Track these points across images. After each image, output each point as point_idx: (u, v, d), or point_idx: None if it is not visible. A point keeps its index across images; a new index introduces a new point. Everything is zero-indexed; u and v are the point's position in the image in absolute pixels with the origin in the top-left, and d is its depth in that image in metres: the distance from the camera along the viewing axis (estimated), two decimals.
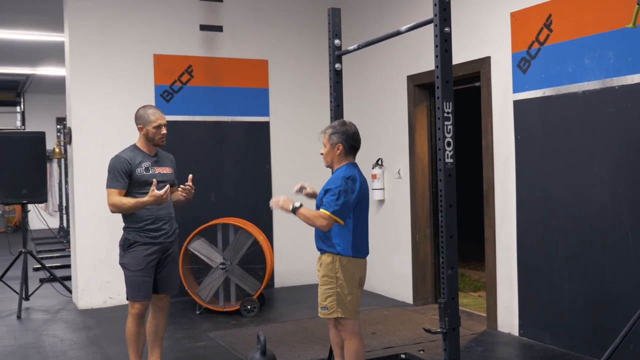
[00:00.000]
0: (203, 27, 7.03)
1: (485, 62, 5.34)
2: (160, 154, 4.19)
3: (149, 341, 4.23)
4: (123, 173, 3.96)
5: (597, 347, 4.32)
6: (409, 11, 6.21)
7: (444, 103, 3.18)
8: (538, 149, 4.85)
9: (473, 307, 6.21)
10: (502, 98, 5.18)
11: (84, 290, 6.54)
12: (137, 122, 4.09)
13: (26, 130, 14.42)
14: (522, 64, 4.96)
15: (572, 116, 4.57)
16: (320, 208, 3.56)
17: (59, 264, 8.90)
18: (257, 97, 7.32)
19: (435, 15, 3.19)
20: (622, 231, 4.23)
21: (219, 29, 7.10)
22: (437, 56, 3.19)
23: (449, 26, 3.19)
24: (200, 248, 6.03)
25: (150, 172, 4.04)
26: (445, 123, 3.20)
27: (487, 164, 5.37)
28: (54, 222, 13.62)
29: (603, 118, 4.35)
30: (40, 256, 8.09)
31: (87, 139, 6.55)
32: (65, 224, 12.56)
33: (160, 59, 6.83)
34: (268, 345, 4.28)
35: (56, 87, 12.82)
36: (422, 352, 4.68)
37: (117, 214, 4.08)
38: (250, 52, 7.28)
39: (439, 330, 3.20)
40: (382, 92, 6.78)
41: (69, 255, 8.06)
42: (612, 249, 4.31)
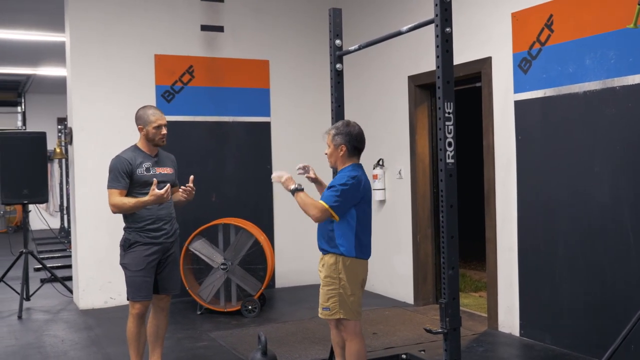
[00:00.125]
0: (204, 27, 7.03)
1: (486, 62, 5.33)
2: (161, 154, 4.19)
3: (149, 341, 4.23)
4: (124, 173, 3.96)
5: (597, 347, 4.32)
6: (410, 11, 6.21)
7: (445, 103, 3.18)
8: (539, 150, 4.85)
9: (474, 307, 6.21)
10: (503, 98, 5.17)
11: (85, 291, 6.54)
12: (137, 122, 4.10)
13: (27, 130, 14.42)
14: (523, 65, 4.96)
15: (573, 116, 4.57)
16: (320, 199, 3.56)
17: (59, 264, 8.90)
18: (258, 97, 7.32)
19: (436, 16, 3.19)
20: (623, 231, 4.22)
21: (220, 29, 7.10)
22: (438, 56, 3.19)
23: (450, 26, 3.19)
24: (201, 248, 6.03)
25: (151, 172, 4.05)
26: (446, 123, 3.20)
27: (488, 164, 5.37)
28: (55, 223, 13.62)
29: (604, 118, 4.35)
30: (41, 256, 8.09)
31: (88, 139, 6.55)
32: (66, 224, 12.57)
33: (161, 59, 6.84)
34: (269, 346, 4.28)
35: (57, 87, 12.81)
36: (423, 352, 4.68)
37: (118, 214, 4.08)
38: (251, 52, 7.28)
39: (439, 330, 3.20)
40: (383, 93, 6.78)
41: (69, 256, 8.06)
42: (613, 250, 4.31)
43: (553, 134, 4.73)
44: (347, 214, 3.58)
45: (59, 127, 12.34)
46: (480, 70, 5.40)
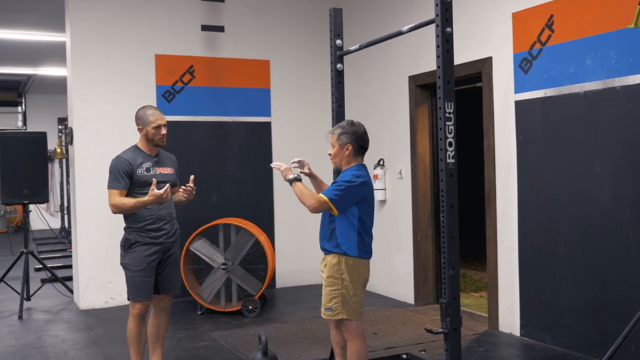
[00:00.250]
0: (204, 27, 7.03)
1: (486, 62, 5.33)
2: (161, 154, 4.19)
3: (150, 341, 4.23)
4: (124, 174, 3.96)
5: (598, 347, 4.32)
6: (410, 11, 6.21)
7: (446, 103, 3.18)
8: (539, 150, 4.85)
9: (474, 307, 6.21)
10: (504, 98, 5.17)
11: (85, 291, 6.54)
12: (137, 123, 4.10)
13: (27, 130, 14.43)
14: (523, 65, 4.95)
15: (574, 116, 4.57)
16: (321, 193, 3.56)
17: (60, 264, 8.90)
18: (259, 97, 7.32)
19: (437, 16, 3.19)
20: (624, 231, 4.22)
21: (220, 29, 7.10)
22: (438, 56, 3.19)
23: (451, 26, 3.19)
24: (202, 248, 6.03)
25: (151, 172, 4.05)
26: (447, 123, 3.20)
27: (488, 164, 5.36)
28: (56, 223, 13.62)
29: (605, 118, 4.35)
30: (41, 256, 8.10)
31: (89, 139, 6.55)
32: (66, 224, 12.57)
33: (162, 59, 6.84)
34: (269, 346, 4.28)
35: (57, 87, 12.82)
36: (423, 352, 4.68)
37: (118, 214, 4.08)
38: (252, 52, 7.28)
39: (440, 330, 3.20)
40: (384, 93, 6.78)
41: (70, 256, 8.07)
42: (613, 250, 4.31)
43: (553, 134, 4.73)
44: (349, 213, 3.58)
45: (60, 127, 12.34)
46: (480, 70, 5.40)
